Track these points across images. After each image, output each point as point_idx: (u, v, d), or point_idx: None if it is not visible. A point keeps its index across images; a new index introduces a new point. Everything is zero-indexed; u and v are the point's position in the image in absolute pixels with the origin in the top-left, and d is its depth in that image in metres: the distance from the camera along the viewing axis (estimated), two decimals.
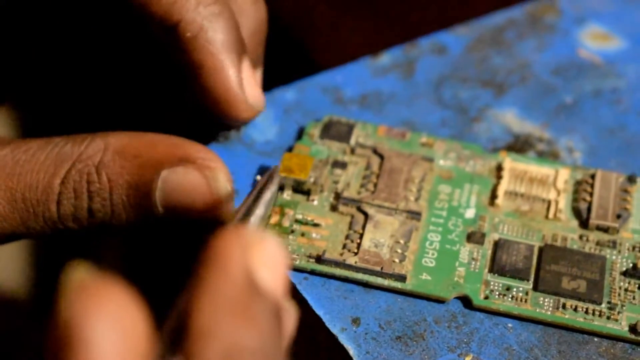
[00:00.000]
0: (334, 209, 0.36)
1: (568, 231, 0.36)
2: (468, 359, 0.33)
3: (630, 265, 0.35)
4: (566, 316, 0.34)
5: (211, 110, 0.36)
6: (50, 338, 0.21)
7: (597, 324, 0.34)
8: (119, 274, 0.22)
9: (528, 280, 0.35)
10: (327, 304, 0.34)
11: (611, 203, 0.37)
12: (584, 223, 0.36)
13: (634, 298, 0.34)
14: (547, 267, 0.35)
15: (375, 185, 0.37)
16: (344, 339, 0.33)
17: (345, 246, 0.35)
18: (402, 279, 0.34)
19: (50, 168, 0.33)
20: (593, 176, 0.37)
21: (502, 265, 0.35)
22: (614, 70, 0.42)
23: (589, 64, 0.43)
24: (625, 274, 0.35)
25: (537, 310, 0.34)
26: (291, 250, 0.35)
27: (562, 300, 0.34)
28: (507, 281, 0.35)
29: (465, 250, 0.35)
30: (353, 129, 0.38)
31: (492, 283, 0.34)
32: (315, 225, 0.36)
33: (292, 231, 0.35)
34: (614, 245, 0.36)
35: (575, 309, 0.34)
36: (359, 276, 0.34)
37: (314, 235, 0.35)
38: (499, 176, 0.37)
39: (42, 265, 0.63)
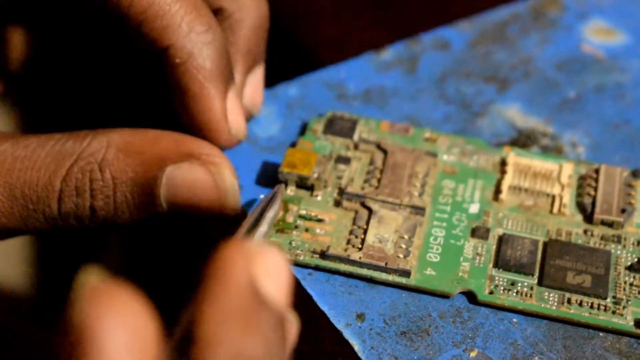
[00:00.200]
0: (337, 204, 0.36)
1: (572, 226, 0.36)
2: (473, 354, 0.33)
3: (635, 259, 0.35)
4: (571, 311, 0.34)
5: (193, 133, 0.35)
6: (62, 340, 0.21)
7: (603, 318, 0.34)
8: (128, 280, 0.23)
9: (533, 275, 0.34)
10: (332, 300, 0.34)
11: (615, 198, 0.36)
12: (589, 218, 0.36)
13: (639, 293, 0.34)
14: (552, 262, 0.35)
15: (379, 180, 0.37)
16: (348, 335, 0.33)
17: (349, 242, 0.35)
18: (407, 274, 0.34)
19: (51, 165, 0.33)
20: (597, 171, 0.37)
21: (507, 260, 0.35)
22: (618, 65, 0.42)
23: (592, 59, 0.43)
24: (630, 268, 0.35)
25: (542, 305, 0.34)
26: (295, 245, 0.35)
27: (567, 295, 0.34)
28: (512, 276, 0.34)
29: (469, 246, 0.35)
30: (356, 124, 0.38)
31: (497, 278, 0.34)
32: (319, 220, 0.36)
33: (296, 227, 0.35)
34: (618, 239, 0.36)
35: (581, 304, 0.34)
36: (364, 272, 0.34)
37: (318, 230, 0.35)
38: (503, 171, 0.37)
39: (42, 263, 0.63)
